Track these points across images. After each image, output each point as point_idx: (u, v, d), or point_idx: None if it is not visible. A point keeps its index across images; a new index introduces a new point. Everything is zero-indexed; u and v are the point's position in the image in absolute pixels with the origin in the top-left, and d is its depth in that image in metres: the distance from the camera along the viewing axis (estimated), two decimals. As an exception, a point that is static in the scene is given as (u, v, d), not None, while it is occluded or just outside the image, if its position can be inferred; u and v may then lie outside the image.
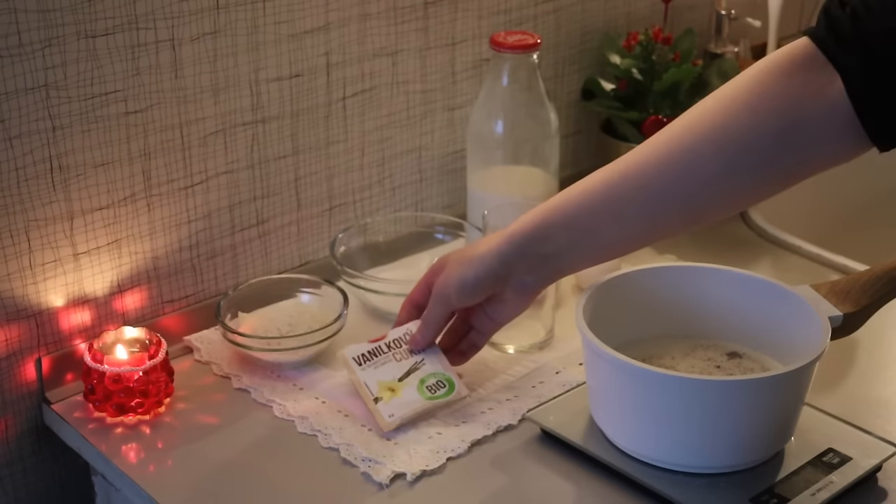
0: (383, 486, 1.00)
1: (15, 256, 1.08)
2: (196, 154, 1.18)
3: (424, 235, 1.36)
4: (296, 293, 1.23)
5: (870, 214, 1.73)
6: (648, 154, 0.95)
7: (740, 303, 1.07)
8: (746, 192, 0.96)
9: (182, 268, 1.21)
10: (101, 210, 1.13)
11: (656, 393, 0.96)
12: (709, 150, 0.92)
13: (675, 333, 1.09)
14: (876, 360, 1.19)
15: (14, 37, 1.02)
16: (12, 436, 1.14)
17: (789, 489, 0.96)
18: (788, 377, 0.95)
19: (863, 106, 0.85)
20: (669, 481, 0.97)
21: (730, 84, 0.94)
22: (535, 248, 1.00)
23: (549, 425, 1.05)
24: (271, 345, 1.14)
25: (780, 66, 0.90)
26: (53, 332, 1.13)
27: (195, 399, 1.12)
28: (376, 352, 1.10)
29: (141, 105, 1.12)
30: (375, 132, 1.33)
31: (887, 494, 0.99)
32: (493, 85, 1.29)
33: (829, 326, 0.99)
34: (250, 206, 1.25)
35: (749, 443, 0.97)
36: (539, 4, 1.44)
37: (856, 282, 1.07)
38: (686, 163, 0.93)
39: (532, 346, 1.19)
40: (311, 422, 1.08)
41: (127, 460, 1.05)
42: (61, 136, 1.08)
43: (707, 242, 1.43)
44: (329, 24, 1.24)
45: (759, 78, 0.91)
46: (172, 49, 1.13)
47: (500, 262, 1.01)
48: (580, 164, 1.56)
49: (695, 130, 0.92)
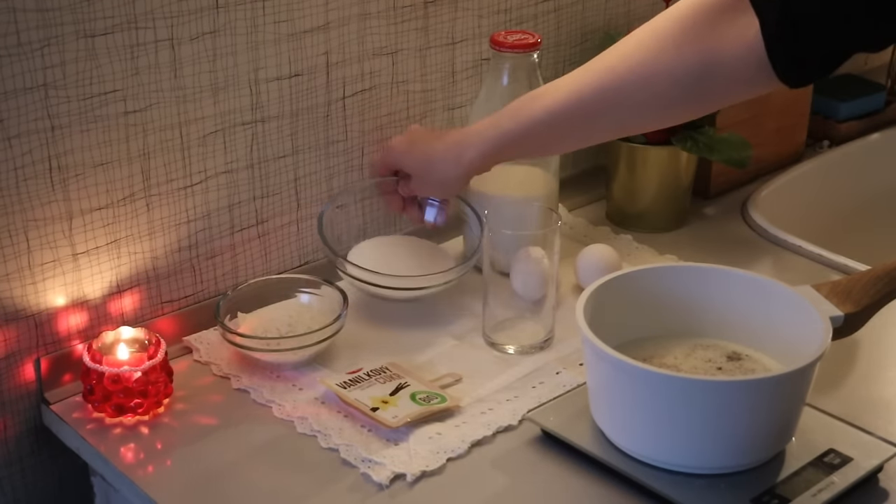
0: (383, 487, 1.00)
1: (14, 256, 1.08)
2: (195, 154, 1.18)
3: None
4: (295, 293, 1.23)
5: (870, 214, 1.73)
6: (583, 83, 1.07)
7: (741, 303, 1.07)
8: (671, 116, 1.11)
9: (181, 268, 1.21)
10: (100, 210, 1.13)
11: (657, 393, 0.96)
12: (638, 81, 1.04)
13: (676, 333, 1.09)
14: (877, 361, 1.19)
15: (13, 36, 1.02)
16: (11, 436, 1.14)
17: (790, 490, 0.96)
18: (789, 378, 0.95)
19: (773, 49, 0.95)
20: (670, 482, 0.97)
21: (661, 18, 1.04)
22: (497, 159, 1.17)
23: (550, 426, 1.05)
24: (271, 345, 1.14)
25: (708, 7, 0.99)
26: (52, 332, 1.13)
27: (194, 399, 1.12)
28: (357, 380, 1.10)
29: (140, 105, 1.12)
30: (375, 132, 1.33)
31: (888, 495, 0.99)
32: (493, 84, 1.29)
33: (829, 327, 0.99)
34: (250, 206, 1.24)
35: (750, 443, 0.97)
36: (539, 4, 1.44)
37: (857, 282, 1.07)
38: (617, 90, 1.05)
39: (532, 347, 1.19)
40: (310, 422, 1.07)
41: (126, 461, 1.05)
42: (60, 135, 1.08)
43: (707, 242, 1.43)
44: (329, 23, 1.24)
45: (688, 16, 1.01)
46: (172, 48, 1.13)
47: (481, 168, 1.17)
48: (580, 163, 1.55)
49: (626, 63, 1.05)
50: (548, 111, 1.09)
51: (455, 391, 1.12)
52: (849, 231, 1.65)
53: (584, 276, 1.27)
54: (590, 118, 1.08)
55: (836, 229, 1.61)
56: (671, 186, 1.44)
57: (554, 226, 1.17)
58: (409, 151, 1.20)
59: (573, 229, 1.44)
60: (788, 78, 0.96)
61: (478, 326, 1.22)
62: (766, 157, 1.58)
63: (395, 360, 1.15)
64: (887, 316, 1.10)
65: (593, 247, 1.30)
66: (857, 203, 1.71)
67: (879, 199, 1.75)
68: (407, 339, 1.21)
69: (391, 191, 1.24)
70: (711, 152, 1.40)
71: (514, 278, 1.17)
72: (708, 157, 1.41)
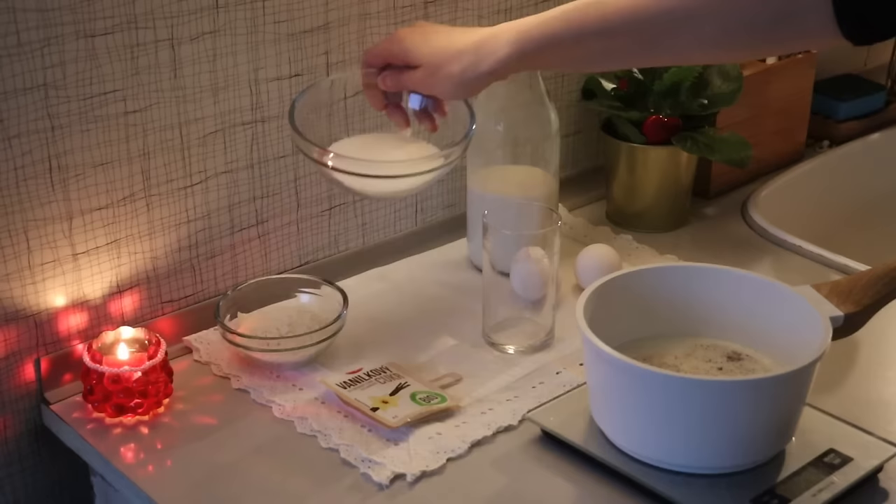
0: (383, 487, 0.99)
1: (14, 256, 1.08)
2: (195, 154, 1.18)
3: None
4: (295, 293, 1.23)
5: (870, 214, 1.73)
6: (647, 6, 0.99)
7: (741, 303, 1.07)
8: (728, 55, 1.10)
9: (181, 268, 1.21)
10: (100, 210, 1.13)
11: (657, 393, 0.96)
12: (710, 15, 0.96)
13: (676, 333, 1.09)
14: (877, 361, 1.19)
15: (13, 36, 1.02)
16: (11, 436, 1.14)
17: (790, 490, 0.96)
18: (789, 378, 0.95)
19: (841, 6, 0.91)
20: (669, 482, 0.97)
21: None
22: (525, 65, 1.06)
23: (550, 426, 1.05)
24: (271, 345, 1.14)
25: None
26: (52, 332, 1.13)
27: (194, 399, 1.12)
28: (357, 380, 1.10)
29: (140, 105, 1.12)
30: (375, 132, 1.33)
31: (888, 495, 0.99)
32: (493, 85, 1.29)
33: (830, 326, 0.99)
34: (250, 206, 1.24)
35: (750, 443, 0.97)
36: (539, 4, 1.44)
37: (857, 282, 1.07)
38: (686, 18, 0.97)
39: (532, 347, 1.19)
40: (310, 422, 1.07)
41: (126, 461, 1.05)
42: (60, 135, 1.08)
43: (707, 242, 1.43)
44: (329, 23, 1.24)
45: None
46: (171, 48, 1.13)
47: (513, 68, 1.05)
48: (580, 163, 1.55)
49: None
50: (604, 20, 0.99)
51: (455, 391, 1.12)
52: (849, 231, 1.65)
53: (584, 276, 1.27)
54: (647, 41, 0.99)
55: (836, 229, 1.61)
56: (671, 186, 1.44)
57: (554, 226, 1.17)
58: (423, 42, 1.07)
59: (573, 229, 1.44)
60: (853, 36, 0.92)
61: (478, 326, 1.22)
62: (766, 157, 1.58)
63: (395, 360, 1.15)
64: (887, 316, 1.10)
65: (593, 247, 1.30)
66: (857, 203, 1.71)
67: (879, 199, 1.75)
68: (407, 339, 1.21)
69: (376, 85, 1.12)
70: (711, 152, 1.40)
71: (514, 278, 1.17)
72: (708, 157, 1.41)
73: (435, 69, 1.06)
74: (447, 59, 1.05)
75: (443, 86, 1.07)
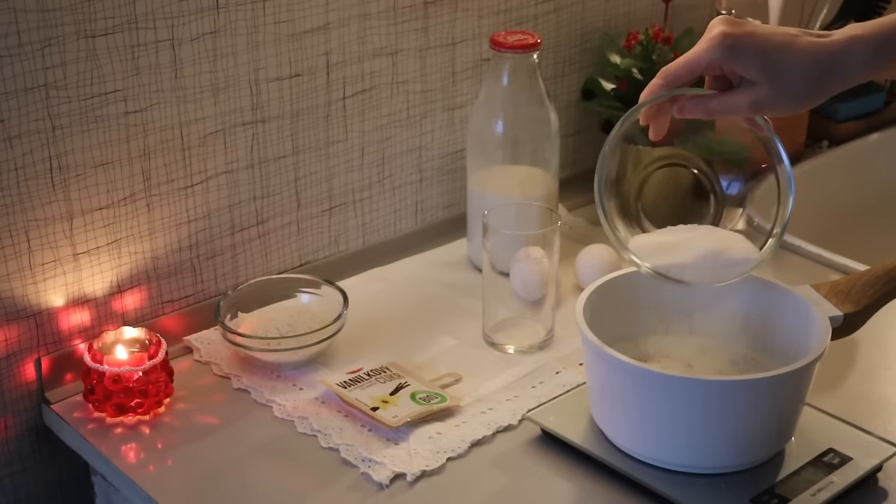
0: (383, 487, 1.00)
1: (14, 256, 1.08)
2: (196, 154, 1.18)
3: None
4: (295, 293, 1.23)
5: (870, 214, 1.73)
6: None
7: (741, 303, 1.07)
8: None
9: (182, 268, 1.21)
10: (101, 210, 1.13)
11: (656, 393, 0.96)
12: None
13: (676, 333, 1.09)
14: (876, 360, 1.19)
15: (14, 36, 1.02)
16: (12, 436, 1.14)
17: (790, 489, 0.96)
18: (789, 377, 0.95)
19: None
20: (669, 481, 0.97)
21: None
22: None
23: (549, 425, 1.05)
24: (271, 345, 1.14)
25: None
26: (53, 332, 1.13)
27: (195, 399, 1.12)
28: (357, 379, 1.11)
29: (140, 105, 1.12)
30: (375, 132, 1.33)
31: (888, 495, 0.99)
32: (493, 85, 1.29)
33: (829, 326, 0.99)
34: (250, 206, 1.25)
35: (749, 443, 0.97)
36: (539, 4, 1.44)
37: (856, 282, 1.07)
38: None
39: (532, 346, 1.19)
40: (311, 422, 1.08)
41: (126, 460, 1.05)
42: (61, 135, 1.08)
43: (707, 242, 1.43)
44: (329, 23, 1.24)
45: None
46: (172, 49, 1.13)
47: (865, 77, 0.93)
48: (580, 164, 1.56)
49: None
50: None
51: (455, 391, 1.12)
52: (848, 231, 1.65)
53: (584, 276, 1.27)
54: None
55: (836, 229, 1.61)
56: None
57: (554, 226, 1.17)
58: (763, 51, 0.91)
59: (573, 229, 1.44)
60: None
61: (478, 326, 1.22)
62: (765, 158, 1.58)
63: (395, 359, 1.16)
64: (887, 316, 1.10)
65: (593, 247, 1.30)
66: (856, 203, 1.72)
67: (879, 198, 1.75)
68: (407, 339, 1.21)
69: (665, 113, 0.98)
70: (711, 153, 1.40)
71: (513, 278, 1.17)
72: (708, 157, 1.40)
73: (781, 86, 0.94)
74: (797, 72, 0.93)
75: (789, 104, 0.95)
